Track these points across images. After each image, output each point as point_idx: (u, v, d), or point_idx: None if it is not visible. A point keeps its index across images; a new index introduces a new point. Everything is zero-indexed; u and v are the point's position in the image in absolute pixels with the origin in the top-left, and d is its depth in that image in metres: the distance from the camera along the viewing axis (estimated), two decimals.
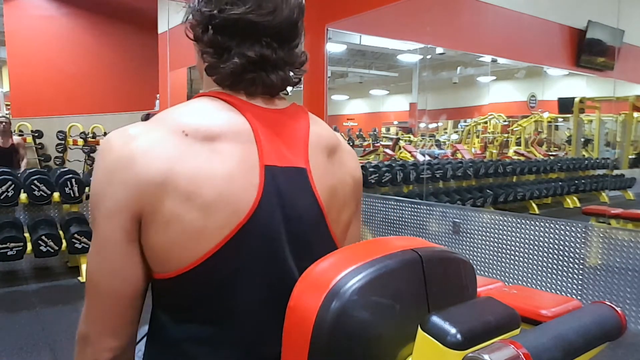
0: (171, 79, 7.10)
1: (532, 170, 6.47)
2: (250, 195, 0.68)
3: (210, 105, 0.73)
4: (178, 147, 0.67)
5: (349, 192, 0.81)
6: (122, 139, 0.68)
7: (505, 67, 9.07)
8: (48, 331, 2.89)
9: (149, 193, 0.65)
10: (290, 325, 0.67)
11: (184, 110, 0.71)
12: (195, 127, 0.68)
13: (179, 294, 0.71)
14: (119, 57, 9.20)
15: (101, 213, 0.67)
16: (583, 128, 7.48)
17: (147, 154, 0.66)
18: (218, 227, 0.66)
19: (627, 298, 2.83)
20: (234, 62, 0.72)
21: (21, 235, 3.64)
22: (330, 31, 4.99)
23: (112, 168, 0.67)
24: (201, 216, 0.66)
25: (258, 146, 0.70)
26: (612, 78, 5.61)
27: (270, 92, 0.76)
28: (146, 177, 0.65)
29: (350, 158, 0.84)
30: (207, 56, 0.74)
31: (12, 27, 8.79)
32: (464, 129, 10.00)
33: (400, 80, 13.67)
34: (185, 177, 0.66)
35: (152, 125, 0.70)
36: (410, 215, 4.14)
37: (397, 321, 0.69)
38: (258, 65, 0.73)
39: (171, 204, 0.65)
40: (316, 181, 0.74)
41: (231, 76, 0.73)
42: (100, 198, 0.67)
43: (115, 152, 0.67)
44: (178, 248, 0.67)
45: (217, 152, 0.68)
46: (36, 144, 8.45)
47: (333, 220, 0.77)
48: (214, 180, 0.67)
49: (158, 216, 0.66)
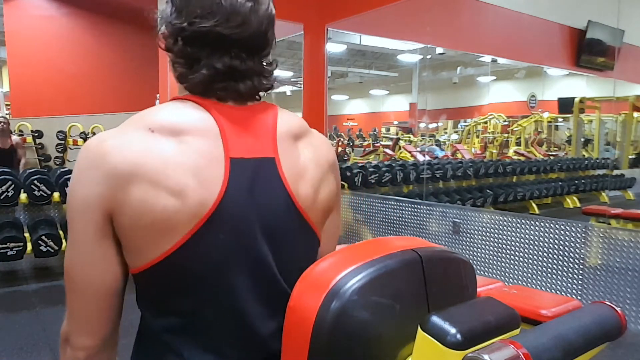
0: (171, 79, 7.11)
1: (532, 170, 6.47)
2: (216, 186, 0.70)
3: (179, 105, 0.75)
4: (145, 142, 0.69)
5: (325, 175, 0.82)
6: (96, 141, 0.72)
7: (505, 67, 9.08)
8: (48, 331, 2.89)
9: (117, 186, 0.68)
10: (290, 325, 0.67)
11: (153, 111, 0.74)
12: (160, 123, 0.71)
13: (153, 287, 0.73)
14: (119, 57, 9.20)
15: (74, 209, 0.71)
16: (583, 128, 7.49)
17: (115, 150, 0.69)
18: (186, 218, 0.68)
19: (627, 298, 2.83)
20: (203, 73, 0.74)
21: (21, 235, 3.64)
22: (330, 31, 4.99)
23: (85, 166, 0.70)
24: (169, 206, 0.68)
25: (223, 140, 0.72)
26: (612, 78, 5.61)
27: (240, 99, 0.78)
28: (114, 171, 0.68)
29: (322, 142, 0.86)
30: (177, 66, 0.77)
31: (12, 27, 8.79)
32: (464, 129, 10.00)
33: (400, 80, 13.68)
34: (152, 168, 0.68)
35: (123, 127, 0.73)
36: (410, 215, 4.14)
37: (397, 321, 0.69)
38: (227, 76, 0.75)
39: (139, 195, 0.67)
40: (285, 169, 0.76)
41: (201, 85, 0.75)
42: (73, 195, 0.71)
43: (88, 153, 0.71)
44: (149, 240, 0.69)
45: (182, 145, 0.70)
46: (36, 144, 8.45)
47: (308, 206, 0.77)
48: (180, 171, 0.68)
49: (127, 209, 0.68)
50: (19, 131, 8.04)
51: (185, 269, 0.70)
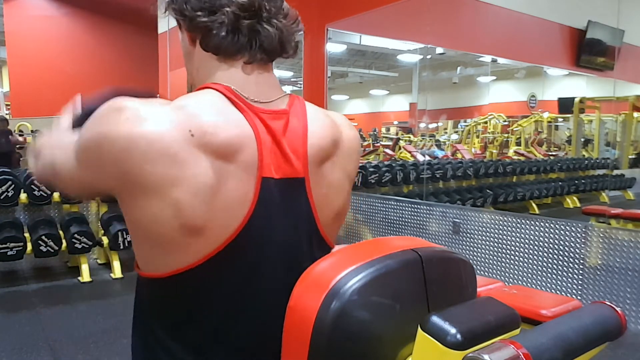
0: (171, 79, 7.10)
1: (532, 170, 6.47)
2: (242, 209, 0.68)
3: (220, 102, 0.71)
4: (179, 151, 0.65)
5: (344, 197, 0.81)
6: (131, 118, 0.65)
7: (505, 67, 9.07)
8: (48, 331, 2.88)
9: (135, 188, 0.66)
10: (290, 325, 0.67)
11: (193, 106, 0.69)
12: (204, 130, 0.66)
13: (170, 297, 0.71)
14: (119, 57, 9.20)
15: (99, 154, 0.66)
16: (583, 128, 7.48)
17: (152, 146, 0.64)
18: (215, 234, 0.67)
19: (627, 298, 2.83)
20: (227, 11, 0.71)
21: (21, 235, 3.64)
22: (330, 31, 4.99)
23: (113, 139, 0.64)
24: (201, 218, 0.66)
25: (259, 157, 0.69)
26: (612, 78, 5.61)
27: (268, 53, 0.75)
28: (142, 173, 0.65)
29: (349, 146, 0.82)
30: (199, 20, 0.73)
31: (12, 27, 8.79)
32: (464, 129, 9.99)
33: (400, 80, 13.66)
34: (187, 179, 0.65)
35: (164, 116, 0.66)
36: (410, 215, 4.14)
37: (397, 321, 0.69)
38: (251, 13, 0.72)
39: (176, 198, 0.65)
40: (314, 191, 0.74)
41: (227, 35, 0.72)
42: (102, 140, 0.66)
43: (119, 128, 0.64)
44: (178, 248, 0.67)
45: (220, 161, 0.66)
46: None
47: (326, 225, 0.77)
48: (216, 186, 0.66)
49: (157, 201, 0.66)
50: (19, 131, 8.05)
51: (203, 286, 0.69)
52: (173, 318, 0.72)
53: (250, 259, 0.70)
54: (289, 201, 0.72)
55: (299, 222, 0.73)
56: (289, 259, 0.73)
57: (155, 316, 0.74)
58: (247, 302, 0.71)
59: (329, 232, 0.77)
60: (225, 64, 0.75)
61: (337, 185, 0.79)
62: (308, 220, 0.74)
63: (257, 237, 0.69)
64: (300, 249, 0.74)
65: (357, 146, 0.86)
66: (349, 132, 0.83)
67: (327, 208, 0.77)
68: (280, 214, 0.71)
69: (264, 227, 0.70)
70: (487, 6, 5.45)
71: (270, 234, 0.70)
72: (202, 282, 0.69)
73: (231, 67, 0.75)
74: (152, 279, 0.71)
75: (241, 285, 0.70)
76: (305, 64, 5.08)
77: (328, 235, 0.77)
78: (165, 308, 0.73)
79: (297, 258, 0.73)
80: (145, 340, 0.76)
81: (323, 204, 0.76)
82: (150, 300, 0.75)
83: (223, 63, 0.75)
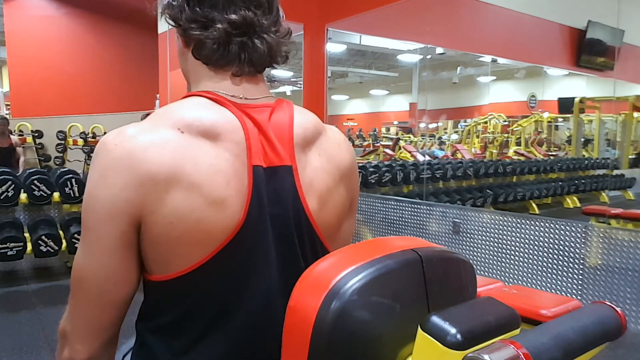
0: (171, 79, 7.10)
1: (532, 170, 6.47)
2: (243, 197, 0.68)
3: (201, 102, 0.73)
4: (178, 142, 0.66)
5: (336, 184, 0.80)
6: (119, 139, 0.67)
7: (505, 67, 9.07)
8: (48, 331, 2.88)
9: (151, 192, 0.64)
10: (290, 325, 0.67)
11: (176, 109, 0.71)
12: (189, 123, 0.68)
13: (174, 297, 0.71)
14: (119, 57, 9.20)
15: (96, 215, 0.65)
16: (583, 128, 7.48)
17: (147, 151, 0.65)
18: (220, 230, 0.66)
19: (627, 298, 2.83)
20: (218, 27, 0.72)
21: (21, 235, 3.64)
22: (330, 31, 4.98)
23: (110, 166, 0.65)
24: (206, 217, 0.65)
25: (247, 145, 0.70)
26: (612, 78, 5.61)
27: (256, 66, 0.77)
28: (149, 175, 0.64)
29: (337, 144, 0.83)
30: (192, 32, 0.74)
31: (12, 27, 8.79)
32: (464, 129, 9.99)
33: (400, 80, 13.67)
34: (190, 173, 0.65)
35: (149, 123, 0.69)
36: (410, 215, 4.14)
37: (397, 321, 0.69)
38: (242, 30, 0.73)
39: (175, 203, 0.65)
40: (301, 178, 0.74)
41: (218, 49, 0.73)
42: (97, 200, 0.65)
43: (113, 152, 0.66)
44: (179, 251, 0.66)
45: (217, 149, 0.68)
46: (36, 144, 8.45)
47: (318, 217, 0.76)
48: (218, 180, 0.66)
49: (159, 218, 0.65)
50: (19, 131, 8.05)
51: (212, 282, 0.68)
52: (173, 318, 0.72)
53: (249, 251, 0.69)
54: (277, 189, 0.72)
55: (288, 210, 0.73)
56: (283, 251, 0.73)
57: (154, 317, 0.74)
58: (245, 297, 0.71)
59: (318, 220, 0.76)
60: (214, 73, 0.77)
61: (321, 170, 0.78)
62: (296, 207, 0.73)
63: (255, 227, 0.69)
64: (291, 238, 0.73)
65: (344, 140, 0.87)
66: (334, 128, 0.86)
67: (314, 194, 0.76)
68: (271, 203, 0.71)
69: (258, 218, 0.70)
70: (487, 6, 5.45)
71: (264, 224, 0.70)
72: (202, 282, 0.69)
73: (220, 76, 0.76)
74: (157, 282, 0.70)
75: (240, 280, 0.70)
76: (305, 64, 5.08)
77: (317, 222, 0.76)
78: (164, 309, 0.73)
79: (289, 247, 0.73)
80: (142, 341, 0.76)
81: (310, 191, 0.75)
82: (153, 301, 0.75)
83: (212, 72, 0.77)
